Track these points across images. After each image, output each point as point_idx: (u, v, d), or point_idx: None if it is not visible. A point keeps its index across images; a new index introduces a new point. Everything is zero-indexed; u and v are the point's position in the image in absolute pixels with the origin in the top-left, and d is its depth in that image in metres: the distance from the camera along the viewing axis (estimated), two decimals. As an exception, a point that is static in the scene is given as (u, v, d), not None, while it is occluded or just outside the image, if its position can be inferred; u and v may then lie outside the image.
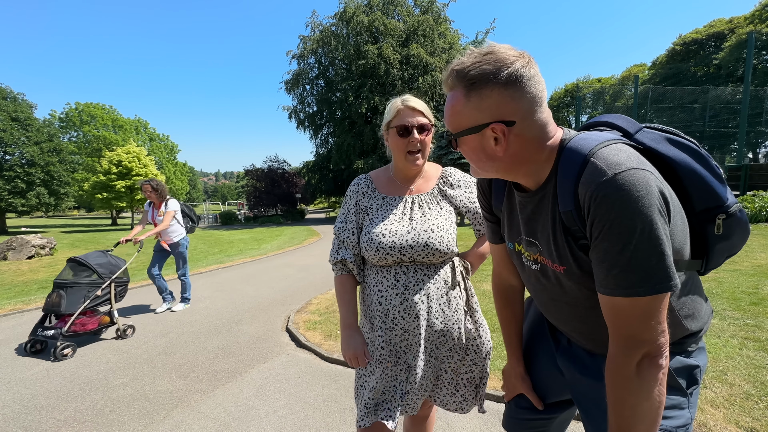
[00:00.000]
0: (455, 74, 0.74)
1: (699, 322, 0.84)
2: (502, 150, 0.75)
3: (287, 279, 6.58)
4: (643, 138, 0.79)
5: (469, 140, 0.77)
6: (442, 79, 0.80)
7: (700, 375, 0.85)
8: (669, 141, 0.79)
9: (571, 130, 0.81)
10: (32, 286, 7.55)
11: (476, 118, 0.74)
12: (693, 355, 0.84)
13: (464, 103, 0.75)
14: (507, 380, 1.16)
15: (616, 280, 0.67)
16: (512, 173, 0.81)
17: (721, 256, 0.84)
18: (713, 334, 2.97)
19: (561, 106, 40.67)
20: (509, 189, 0.94)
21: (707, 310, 0.88)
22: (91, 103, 42.43)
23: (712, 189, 0.76)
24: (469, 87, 0.73)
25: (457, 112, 0.77)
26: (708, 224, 0.79)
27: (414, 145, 1.25)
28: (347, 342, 1.24)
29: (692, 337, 0.83)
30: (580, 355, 0.94)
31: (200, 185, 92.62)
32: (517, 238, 0.92)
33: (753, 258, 5.54)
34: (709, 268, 0.86)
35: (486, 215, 1.06)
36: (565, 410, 1.12)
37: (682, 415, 0.81)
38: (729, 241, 0.81)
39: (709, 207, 0.77)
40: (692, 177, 0.76)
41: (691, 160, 0.76)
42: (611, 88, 30.35)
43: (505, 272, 1.10)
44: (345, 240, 1.31)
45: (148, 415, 2.41)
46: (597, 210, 0.66)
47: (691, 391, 0.83)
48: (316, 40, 24.32)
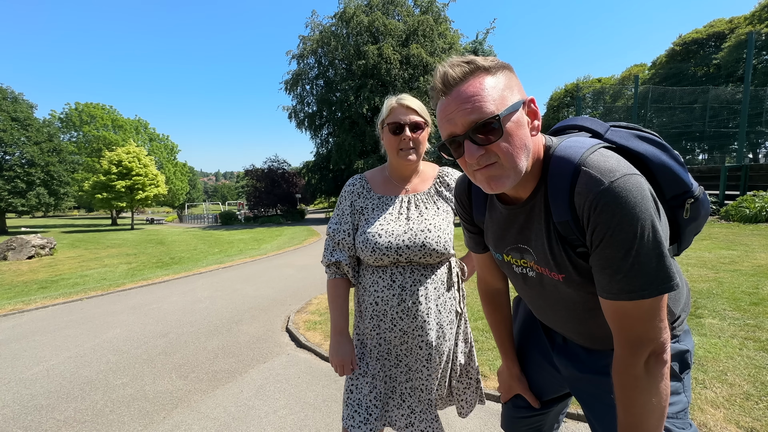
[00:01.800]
0: (474, 61, 0.69)
1: (681, 304, 0.86)
2: (539, 125, 0.74)
3: (287, 279, 6.58)
4: (614, 137, 0.81)
5: (515, 119, 0.69)
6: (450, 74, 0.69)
7: (690, 358, 0.87)
8: (637, 137, 0.81)
9: (553, 138, 0.80)
10: (32, 286, 7.55)
11: (513, 93, 0.70)
12: (681, 339, 0.86)
13: (497, 80, 0.69)
14: (503, 382, 1.17)
15: (621, 286, 0.68)
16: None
17: (690, 236, 0.89)
18: (713, 334, 2.97)
19: (561, 106, 40.64)
20: (491, 201, 0.92)
21: (686, 291, 0.90)
22: (91, 103, 42.45)
23: (679, 177, 0.79)
24: (493, 68, 0.70)
25: (498, 88, 0.68)
26: (677, 209, 0.82)
27: (406, 143, 1.24)
28: (335, 348, 1.24)
29: (677, 320, 0.86)
30: (577, 353, 0.94)
31: (200, 185, 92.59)
32: (505, 249, 0.91)
33: (753, 258, 5.54)
34: (682, 250, 0.90)
35: (467, 227, 1.04)
36: (560, 403, 1.14)
37: (679, 400, 0.83)
38: (696, 222, 0.86)
39: (677, 194, 0.81)
40: (662, 169, 0.78)
41: (659, 152, 0.79)
42: (611, 88, 30.32)
43: (489, 277, 1.10)
44: (340, 242, 1.28)
45: (148, 415, 2.41)
46: (598, 218, 0.66)
47: (684, 376, 0.86)
48: (315, 41, 24.30)
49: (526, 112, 0.72)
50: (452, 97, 0.69)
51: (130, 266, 9.83)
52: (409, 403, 1.26)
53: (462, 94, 0.68)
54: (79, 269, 9.59)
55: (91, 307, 5.16)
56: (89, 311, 4.93)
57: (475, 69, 0.69)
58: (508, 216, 0.86)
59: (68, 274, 8.80)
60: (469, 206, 1.00)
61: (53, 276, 8.69)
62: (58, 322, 4.48)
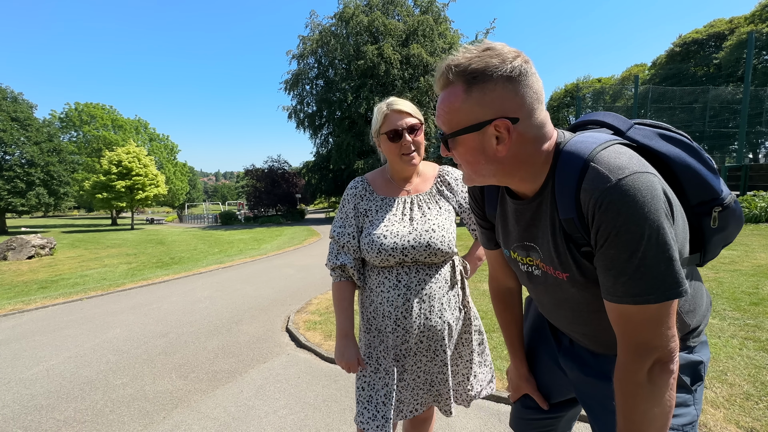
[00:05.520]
0: (453, 69, 0.69)
1: (698, 316, 0.83)
2: (505, 149, 0.71)
3: (287, 279, 6.58)
4: (636, 135, 0.78)
5: (467, 140, 0.72)
6: (435, 78, 0.74)
7: (704, 370, 0.83)
8: (661, 136, 0.77)
9: (565, 132, 0.78)
10: (32, 286, 7.55)
11: (477, 114, 0.69)
12: (695, 350, 0.83)
13: (464, 99, 0.70)
14: (511, 381, 1.16)
15: (625, 288, 0.65)
16: (509, 177, 0.77)
17: (717, 247, 0.83)
18: (713, 334, 2.97)
19: (561, 106, 40.69)
20: (502, 195, 0.90)
21: (707, 302, 0.87)
22: (90, 103, 42.47)
23: (706, 182, 0.75)
24: (470, 81, 0.68)
25: (455, 109, 0.71)
26: (704, 217, 0.78)
27: (407, 148, 1.24)
28: (341, 351, 1.25)
29: (693, 332, 0.82)
30: (582, 355, 0.93)
31: (200, 185, 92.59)
32: (512, 246, 0.90)
33: (753, 258, 5.54)
34: (707, 260, 0.84)
35: (480, 222, 1.02)
36: (571, 408, 1.11)
37: (688, 412, 0.80)
38: (725, 232, 0.80)
39: (704, 200, 0.76)
40: (687, 172, 0.75)
41: (685, 154, 0.75)
42: (611, 88, 30.34)
43: (501, 276, 1.08)
44: (345, 245, 1.28)
45: (148, 415, 2.41)
46: (602, 217, 0.64)
47: (696, 388, 0.82)
48: (315, 41, 24.29)
49: (494, 133, 0.70)
50: (439, 97, 0.76)
51: (130, 266, 9.83)
52: (418, 400, 1.27)
53: (439, 100, 0.75)
54: (79, 269, 9.59)
55: (91, 307, 5.16)
56: (89, 311, 4.93)
57: (455, 79, 0.71)
58: (516, 211, 0.85)
59: (68, 274, 8.80)
60: (482, 200, 0.98)
61: (53, 276, 8.69)
62: (58, 322, 4.49)
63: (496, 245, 1.01)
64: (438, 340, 1.24)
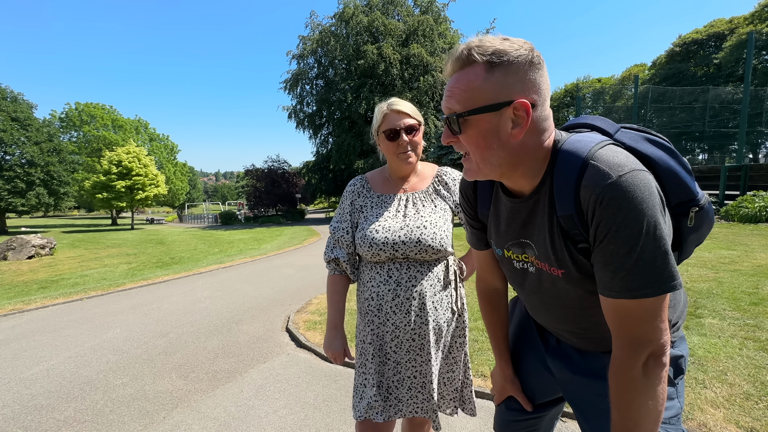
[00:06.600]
0: (477, 49, 0.69)
1: (678, 311, 0.86)
2: (520, 134, 0.70)
3: (287, 279, 6.58)
4: (623, 138, 0.80)
5: (482, 121, 0.70)
6: (449, 60, 0.73)
7: (685, 364, 0.87)
8: (646, 140, 0.80)
9: (562, 132, 0.80)
10: (32, 286, 7.55)
11: (498, 94, 0.68)
12: (675, 345, 0.86)
13: (485, 78, 0.69)
14: (496, 383, 1.16)
15: (623, 283, 0.66)
16: (513, 170, 0.77)
17: (692, 246, 0.87)
18: (713, 334, 2.97)
19: (561, 106, 40.65)
20: (496, 194, 0.91)
21: (684, 298, 0.90)
22: (91, 103, 42.49)
23: (685, 184, 0.78)
24: (494, 62, 0.68)
25: (474, 87, 0.69)
26: (682, 217, 0.81)
27: (404, 147, 1.28)
28: (329, 342, 1.32)
29: (673, 327, 0.85)
30: (570, 354, 0.94)
31: (200, 185, 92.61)
32: (506, 244, 0.91)
33: (753, 258, 5.54)
34: (682, 259, 0.88)
35: (471, 222, 1.02)
36: (554, 407, 1.13)
37: (673, 405, 0.83)
38: (699, 232, 0.84)
39: (682, 201, 0.79)
40: (669, 173, 0.78)
41: (667, 157, 0.78)
42: (611, 88, 30.31)
43: (489, 276, 1.09)
44: (339, 239, 1.33)
45: (148, 415, 2.41)
46: (603, 213, 0.65)
47: (678, 381, 0.85)
48: (315, 41, 24.32)
49: (510, 116, 0.70)
50: (450, 79, 0.74)
51: (130, 266, 9.84)
52: (415, 401, 1.27)
53: (451, 81, 0.73)
54: (79, 269, 9.60)
55: (91, 307, 5.16)
56: (89, 311, 4.93)
57: (477, 59, 0.69)
58: (512, 209, 0.86)
59: (68, 274, 8.80)
60: (474, 200, 0.99)
61: (53, 276, 8.69)
62: (58, 322, 4.48)
63: (485, 245, 1.03)
64: (428, 339, 1.24)
